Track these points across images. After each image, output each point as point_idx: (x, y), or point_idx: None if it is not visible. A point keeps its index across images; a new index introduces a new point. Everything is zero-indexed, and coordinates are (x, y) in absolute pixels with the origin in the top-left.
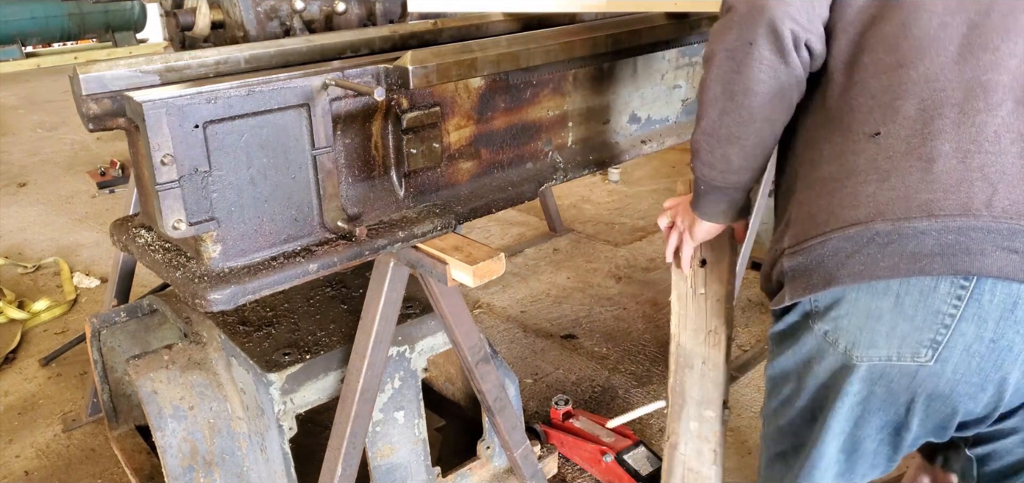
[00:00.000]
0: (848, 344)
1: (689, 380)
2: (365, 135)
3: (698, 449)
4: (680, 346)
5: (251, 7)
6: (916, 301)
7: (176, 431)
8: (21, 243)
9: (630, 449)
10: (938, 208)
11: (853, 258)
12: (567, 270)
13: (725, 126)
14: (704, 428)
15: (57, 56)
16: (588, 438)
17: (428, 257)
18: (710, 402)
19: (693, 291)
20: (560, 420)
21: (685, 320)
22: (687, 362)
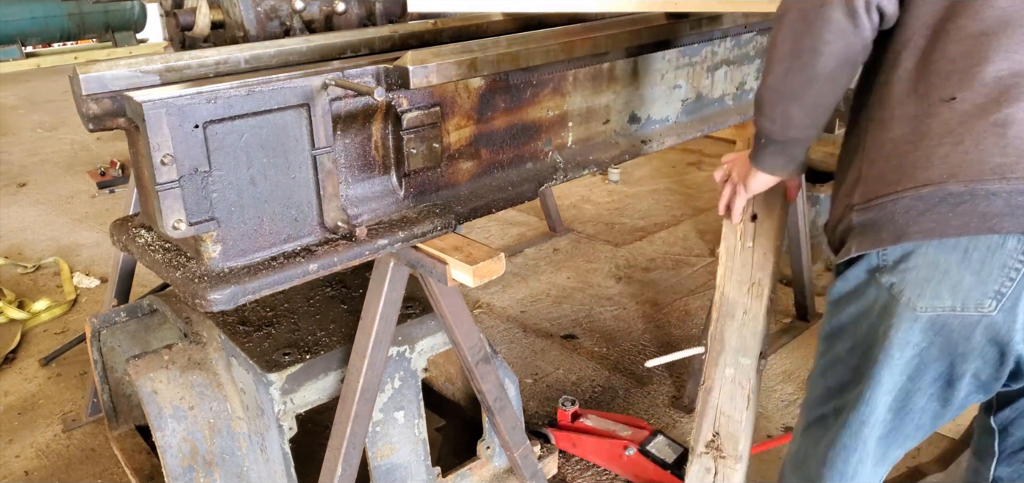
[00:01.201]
0: (912, 296)
1: (729, 328)
2: (365, 135)
3: (731, 394)
4: (724, 296)
5: (251, 7)
6: (983, 256)
7: (176, 431)
8: (21, 243)
9: (650, 439)
10: (1010, 172)
11: (925, 216)
12: (567, 270)
13: (789, 84)
14: (739, 374)
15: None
16: (604, 435)
17: (428, 257)
18: (747, 350)
19: (742, 244)
20: (569, 421)
21: (731, 271)
22: (729, 311)
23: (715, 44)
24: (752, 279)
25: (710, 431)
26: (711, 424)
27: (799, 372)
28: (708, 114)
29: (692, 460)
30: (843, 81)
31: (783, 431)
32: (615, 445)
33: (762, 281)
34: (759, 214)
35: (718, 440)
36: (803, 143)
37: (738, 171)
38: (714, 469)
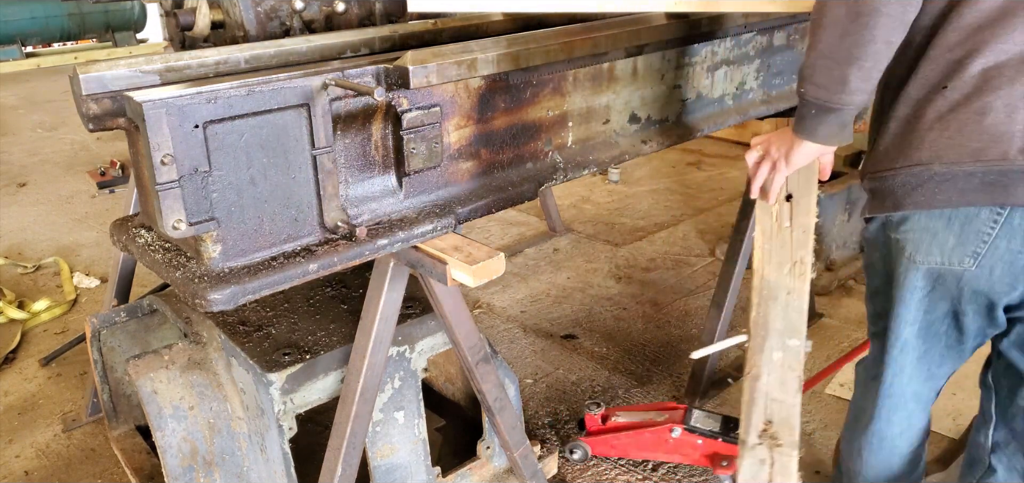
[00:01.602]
0: (912, 251)
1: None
2: (365, 135)
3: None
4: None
5: (251, 7)
6: (962, 224)
7: (176, 431)
8: (21, 243)
9: (688, 416)
10: (984, 154)
11: (917, 190)
12: (567, 270)
13: (845, 47)
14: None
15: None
16: (643, 426)
17: (428, 257)
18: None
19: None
20: (600, 424)
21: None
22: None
23: (715, 44)
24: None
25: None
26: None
27: None
28: (707, 114)
29: (743, 453)
30: (897, 41)
31: None
32: (659, 432)
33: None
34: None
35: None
36: (856, 107)
37: (777, 148)
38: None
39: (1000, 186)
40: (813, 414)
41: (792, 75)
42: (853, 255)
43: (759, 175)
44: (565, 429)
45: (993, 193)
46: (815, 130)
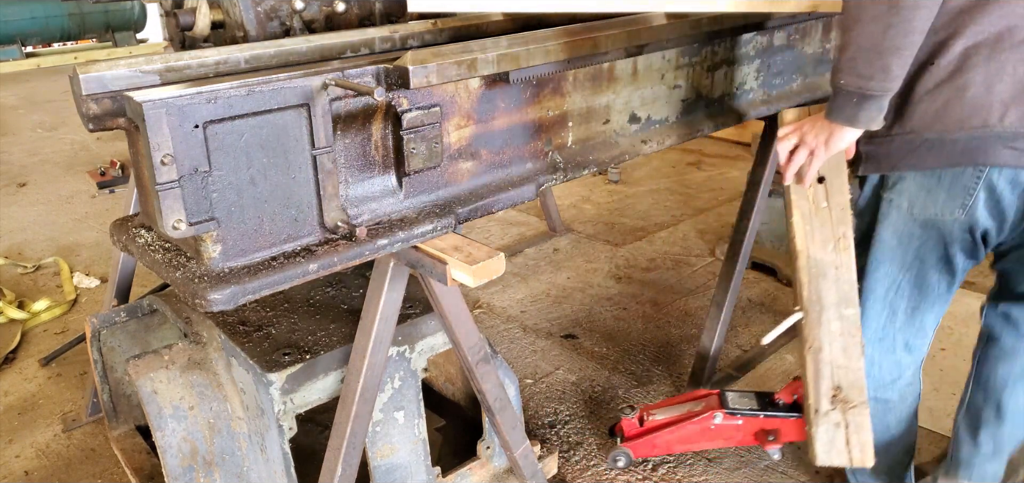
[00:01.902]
0: (910, 205)
1: (824, 287)
2: (365, 135)
3: (844, 346)
4: (810, 259)
5: (251, 7)
6: (951, 181)
7: (176, 431)
8: (21, 243)
9: (723, 399)
10: (967, 124)
11: (911, 154)
12: (567, 270)
13: (888, 39)
14: (846, 325)
15: (57, 56)
16: (683, 419)
17: (428, 257)
18: (848, 301)
19: (816, 206)
20: (640, 426)
21: (812, 234)
22: (820, 272)
23: (715, 44)
24: (835, 236)
25: (830, 387)
26: (829, 380)
27: (799, 372)
28: (708, 114)
29: (817, 422)
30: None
31: None
32: (701, 422)
33: (845, 234)
34: (826, 176)
35: (841, 392)
36: (893, 92)
37: (815, 135)
38: (843, 421)
39: (981, 149)
40: None
41: (792, 75)
42: None
43: (795, 162)
44: (565, 429)
45: (975, 156)
46: (856, 116)
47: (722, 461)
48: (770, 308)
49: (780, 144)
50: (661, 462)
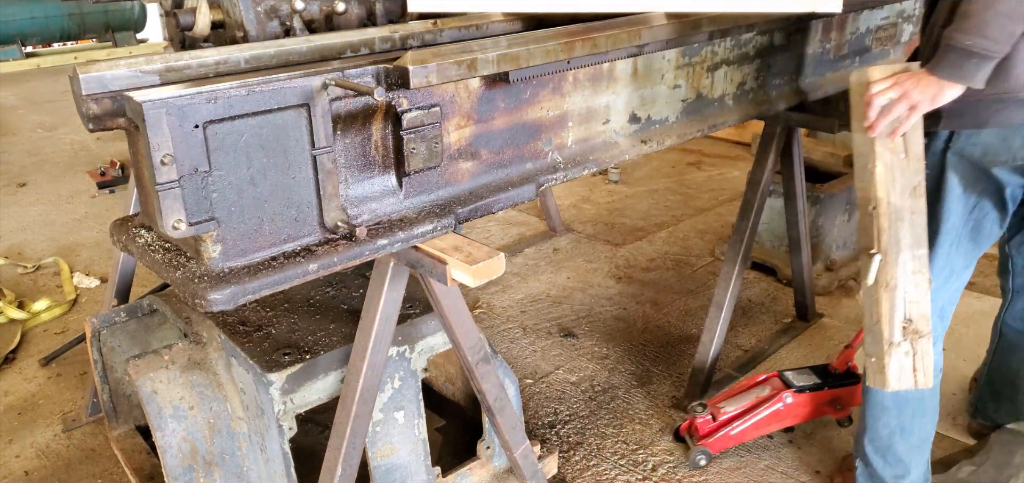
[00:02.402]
0: (983, 155)
1: (902, 230)
2: (365, 135)
3: (916, 282)
4: (890, 205)
5: (251, 7)
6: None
7: (176, 431)
8: (21, 243)
9: (786, 380)
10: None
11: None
12: (567, 270)
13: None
14: (917, 264)
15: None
16: (755, 406)
17: (428, 257)
18: (920, 242)
19: (897, 157)
20: (714, 422)
21: (894, 182)
22: (898, 217)
23: (715, 44)
24: (912, 183)
25: (902, 319)
26: (901, 314)
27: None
28: (707, 114)
29: (889, 353)
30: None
31: (783, 431)
32: (773, 405)
33: (920, 182)
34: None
35: (912, 325)
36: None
37: (921, 91)
38: (912, 350)
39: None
40: None
41: (792, 75)
42: (853, 255)
43: (892, 115)
44: (565, 429)
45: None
46: (973, 76)
47: (722, 461)
48: (770, 308)
49: (877, 98)
50: (661, 463)
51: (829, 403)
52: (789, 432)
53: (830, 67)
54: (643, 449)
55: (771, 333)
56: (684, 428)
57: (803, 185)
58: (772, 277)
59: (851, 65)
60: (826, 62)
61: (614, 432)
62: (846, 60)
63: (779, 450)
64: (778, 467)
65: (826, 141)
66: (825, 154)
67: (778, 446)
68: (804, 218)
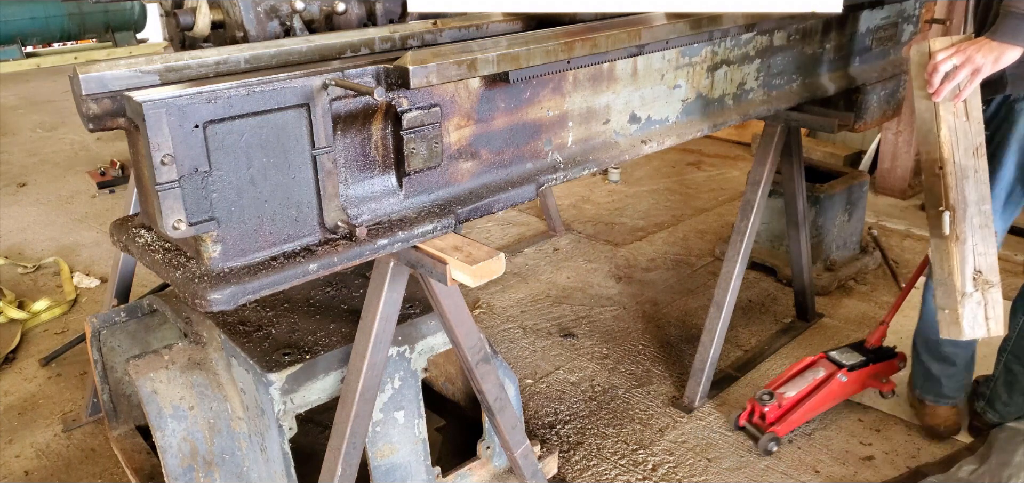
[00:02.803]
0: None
1: (968, 187)
2: (365, 135)
3: (983, 236)
4: (956, 165)
5: (251, 7)
6: None
7: (176, 431)
8: (21, 243)
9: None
10: None
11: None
12: (567, 270)
13: None
14: (982, 218)
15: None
16: (815, 388)
17: (428, 257)
18: (984, 199)
19: (959, 120)
20: (781, 407)
21: (958, 142)
22: (963, 175)
23: (715, 44)
24: (974, 144)
25: (973, 271)
26: (972, 265)
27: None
28: (707, 114)
29: (963, 303)
30: None
31: None
32: (831, 386)
33: (982, 143)
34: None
35: (982, 275)
36: None
37: (983, 55)
38: (983, 300)
39: None
40: None
41: (792, 75)
42: (853, 255)
43: (956, 79)
44: (565, 429)
45: None
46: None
47: (722, 461)
48: (770, 308)
49: (942, 65)
50: (661, 463)
51: (873, 377)
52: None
53: (831, 67)
54: (643, 449)
55: (771, 333)
56: (744, 418)
57: (803, 185)
58: (772, 277)
59: (853, 65)
60: (826, 62)
61: (614, 432)
62: (846, 60)
63: (779, 450)
64: (778, 467)
65: (826, 141)
66: (825, 154)
67: (778, 446)
68: (804, 218)
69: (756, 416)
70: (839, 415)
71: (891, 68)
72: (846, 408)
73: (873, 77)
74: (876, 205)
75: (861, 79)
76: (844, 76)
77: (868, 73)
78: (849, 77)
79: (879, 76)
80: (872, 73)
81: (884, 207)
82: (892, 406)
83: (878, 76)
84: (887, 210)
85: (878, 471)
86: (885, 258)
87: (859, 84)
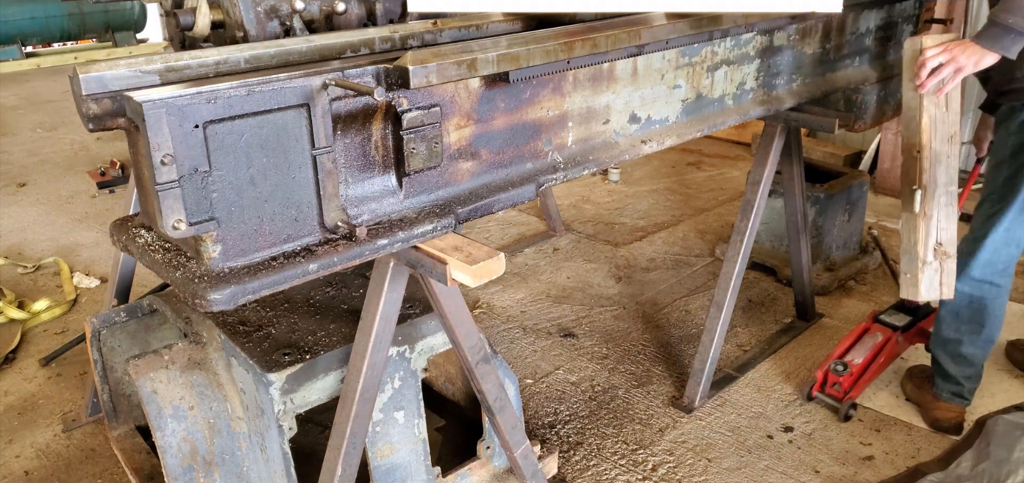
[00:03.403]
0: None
1: (939, 171)
2: (365, 135)
3: (946, 213)
4: (932, 151)
5: (251, 7)
6: None
7: (176, 431)
8: (21, 243)
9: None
10: None
11: None
12: (567, 270)
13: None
14: (948, 198)
15: (57, 56)
16: (877, 349)
17: (428, 257)
18: (953, 181)
19: (940, 110)
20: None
21: (936, 130)
22: (937, 160)
23: (715, 44)
24: (950, 133)
25: (934, 243)
26: (934, 238)
27: (799, 372)
28: (707, 114)
29: (922, 269)
30: None
31: (783, 430)
32: (889, 347)
33: (956, 134)
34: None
35: (942, 247)
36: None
37: (966, 56)
38: (940, 268)
39: None
40: (812, 414)
41: (792, 75)
42: (853, 255)
43: (940, 75)
44: (565, 429)
45: None
46: (1008, 48)
47: (722, 461)
48: (770, 308)
49: (929, 61)
50: (661, 463)
51: (919, 334)
52: (789, 432)
53: (830, 67)
54: (643, 449)
55: (771, 333)
56: (817, 389)
57: (803, 185)
58: (772, 277)
59: (853, 64)
60: (826, 62)
61: (614, 432)
62: (846, 60)
63: (779, 450)
64: (778, 467)
65: (826, 141)
66: (825, 154)
67: (778, 446)
68: (804, 218)
69: (829, 385)
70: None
71: (891, 68)
72: None
73: (873, 77)
74: (876, 205)
75: (861, 79)
76: (844, 76)
77: (868, 73)
78: (849, 77)
79: (879, 76)
80: (872, 73)
81: (884, 207)
82: (892, 406)
83: (878, 76)
84: (887, 210)
85: (878, 471)
86: (885, 258)
87: (859, 84)
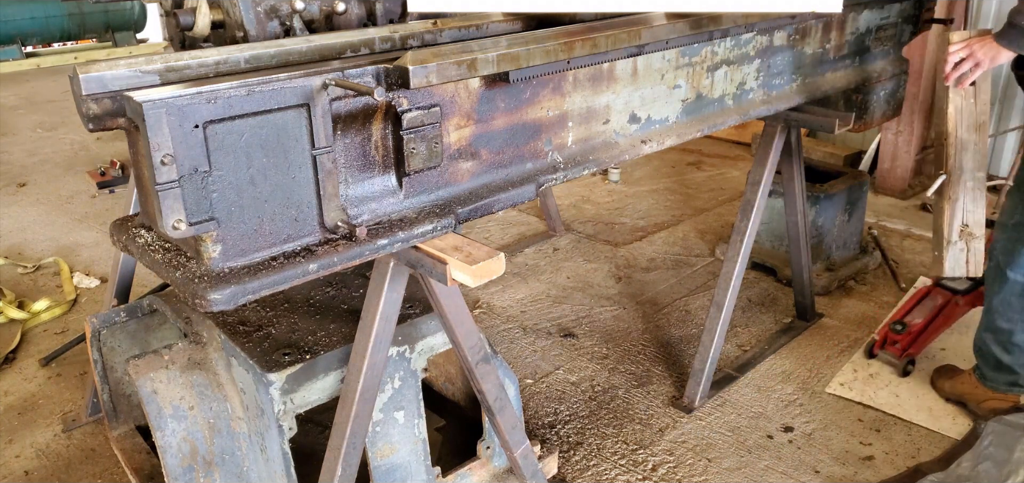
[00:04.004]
0: None
1: (966, 158)
2: (365, 135)
3: (973, 198)
4: (958, 138)
5: (251, 7)
6: None
7: (176, 431)
8: (21, 243)
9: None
10: None
11: None
12: (567, 270)
13: None
14: (976, 185)
15: (57, 56)
16: (937, 312)
17: (428, 257)
18: (980, 167)
19: (967, 101)
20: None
21: (962, 120)
22: (964, 147)
23: (715, 44)
24: (978, 121)
25: (960, 224)
26: (960, 219)
27: (798, 372)
28: (707, 114)
29: (947, 250)
30: None
31: (783, 430)
32: (950, 310)
33: (985, 122)
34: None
35: (968, 228)
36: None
37: (985, 52)
38: (966, 248)
39: None
40: (813, 414)
41: (792, 75)
42: (853, 255)
43: (962, 69)
44: (565, 429)
45: None
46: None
47: (722, 461)
48: (770, 308)
49: (952, 56)
50: (661, 463)
51: (980, 298)
52: (789, 432)
53: (830, 67)
54: (643, 449)
55: (771, 333)
56: (878, 346)
57: (803, 185)
58: (772, 277)
59: (853, 64)
60: (826, 62)
61: (614, 432)
62: (846, 60)
63: (779, 450)
64: (778, 467)
65: (826, 141)
66: (825, 154)
67: (778, 446)
68: (804, 218)
69: (889, 343)
70: (839, 415)
71: (891, 68)
72: (846, 407)
73: (873, 77)
74: (876, 205)
75: (861, 79)
76: (844, 76)
77: (868, 73)
78: (849, 77)
79: (879, 76)
80: (872, 73)
81: (884, 207)
82: (892, 406)
83: (878, 76)
84: (887, 210)
85: (878, 471)
86: (885, 258)
87: (859, 84)
